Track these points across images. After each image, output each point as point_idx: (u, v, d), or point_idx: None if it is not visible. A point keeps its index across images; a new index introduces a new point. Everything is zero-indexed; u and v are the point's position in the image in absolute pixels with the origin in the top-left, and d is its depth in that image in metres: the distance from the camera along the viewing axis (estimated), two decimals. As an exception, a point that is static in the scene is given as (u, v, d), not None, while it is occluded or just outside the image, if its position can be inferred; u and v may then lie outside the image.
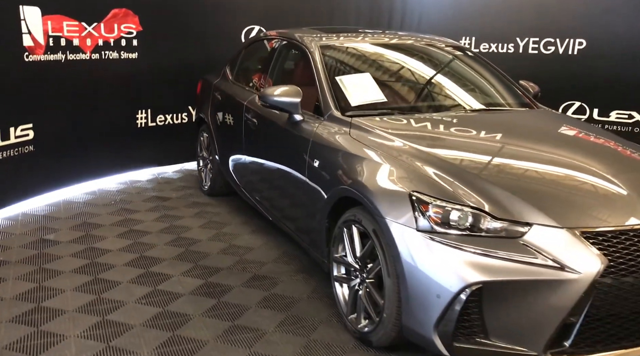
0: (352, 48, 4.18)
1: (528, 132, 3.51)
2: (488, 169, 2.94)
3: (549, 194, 2.75)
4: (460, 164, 2.93)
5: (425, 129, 3.40)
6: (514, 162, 3.07)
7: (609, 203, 2.73)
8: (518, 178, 2.91)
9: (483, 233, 2.57)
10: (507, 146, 3.28)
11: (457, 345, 2.55)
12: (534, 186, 2.83)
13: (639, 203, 2.74)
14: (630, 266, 2.51)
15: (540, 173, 2.97)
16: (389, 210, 2.74)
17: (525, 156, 3.17)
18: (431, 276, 2.55)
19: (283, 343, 3.05)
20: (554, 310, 2.46)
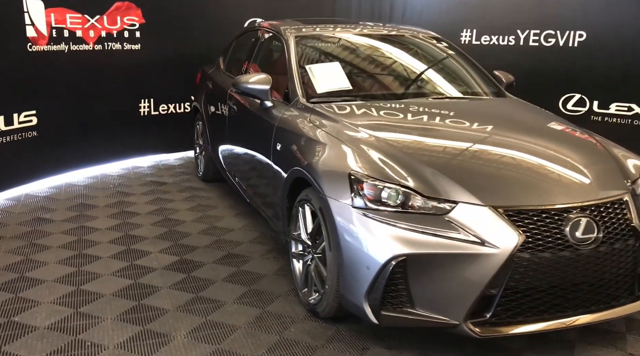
0: (326, 38, 4.36)
1: (481, 118, 3.64)
2: (426, 152, 3.10)
3: (479, 175, 2.90)
4: (402, 147, 3.09)
5: (380, 114, 3.57)
6: (454, 146, 3.23)
7: (534, 184, 2.87)
8: (453, 160, 3.06)
9: (413, 210, 2.73)
10: (453, 131, 3.42)
11: (384, 313, 2.72)
12: (466, 167, 2.98)
13: (562, 185, 2.88)
14: (547, 243, 2.65)
15: (476, 156, 3.12)
16: (331, 189, 2.92)
17: (467, 139, 3.31)
18: (363, 249, 2.73)
19: (238, 313, 3.26)
20: (473, 282, 2.62)
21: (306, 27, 4.41)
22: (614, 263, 2.80)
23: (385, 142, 3.10)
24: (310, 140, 3.31)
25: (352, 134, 3.21)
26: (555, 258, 2.66)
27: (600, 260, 2.75)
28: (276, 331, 3.07)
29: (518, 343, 3.01)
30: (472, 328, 2.67)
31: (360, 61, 4.27)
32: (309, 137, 3.34)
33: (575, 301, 2.78)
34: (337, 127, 3.32)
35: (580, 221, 2.70)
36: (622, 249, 2.80)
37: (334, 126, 3.35)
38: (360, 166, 2.91)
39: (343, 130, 3.28)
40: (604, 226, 2.76)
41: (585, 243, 2.69)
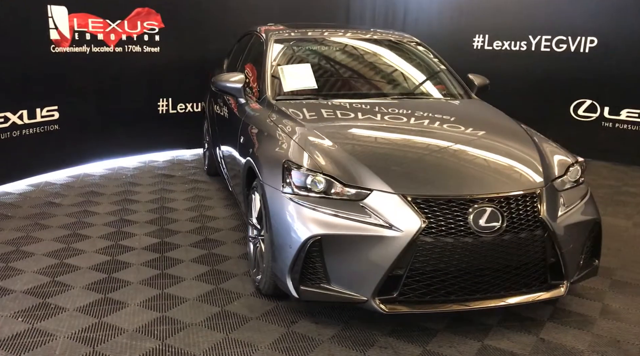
0: (305, 41, 4.68)
1: (426, 116, 3.88)
2: (358, 145, 3.39)
3: (397, 166, 3.18)
4: (337, 140, 3.38)
5: (333, 112, 3.86)
6: (386, 140, 3.51)
7: (447, 176, 3.11)
8: (379, 152, 3.34)
9: (334, 196, 3.03)
10: (392, 126, 3.70)
11: (303, 288, 3.02)
12: (389, 159, 3.25)
13: (474, 177, 3.11)
14: (450, 229, 2.89)
15: (401, 149, 3.39)
16: (268, 176, 3.26)
17: (401, 134, 3.59)
18: (288, 230, 3.04)
19: (192, 288, 3.62)
20: (380, 261, 2.89)
21: (290, 30, 4.75)
22: (520, 252, 3.00)
23: (323, 136, 3.40)
24: (262, 133, 3.65)
25: (296, 129, 3.53)
26: (458, 243, 2.89)
27: (504, 248, 2.96)
28: (220, 304, 3.41)
29: (438, 323, 3.24)
30: (379, 304, 2.94)
31: (333, 62, 4.58)
32: (261, 131, 3.68)
33: (482, 285, 3.00)
34: (286, 122, 3.65)
35: (484, 211, 2.92)
36: (529, 239, 3.00)
37: (285, 121, 3.67)
38: (294, 157, 3.22)
39: (290, 125, 3.60)
40: (509, 217, 2.96)
41: (488, 231, 2.91)
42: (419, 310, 2.98)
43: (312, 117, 3.72)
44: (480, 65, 7.86)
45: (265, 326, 3.18)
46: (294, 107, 3.85)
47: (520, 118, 4.10)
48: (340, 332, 3.14)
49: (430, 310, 2.99)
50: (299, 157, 3.21)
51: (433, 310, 2.99)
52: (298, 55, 4.57)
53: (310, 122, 3.59)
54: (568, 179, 3.34)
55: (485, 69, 7.84)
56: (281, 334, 3.11)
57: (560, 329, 3.24)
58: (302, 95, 4.11)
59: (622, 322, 3.33)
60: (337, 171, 3.07)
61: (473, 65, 7.71)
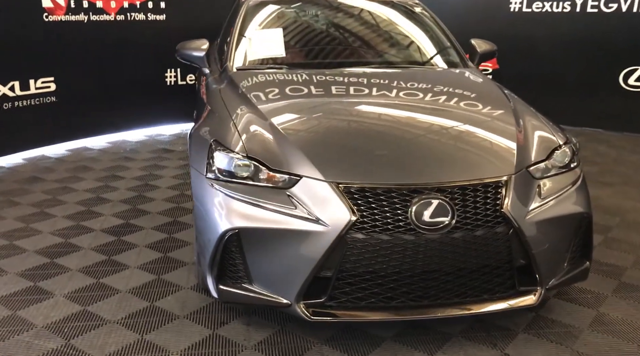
0: (284, 6, 4.22)
1: (397, 91, 3.36)
2: (299, 124, 2.94)
3: (335, 149, 2.72)
4: (277, 118, 2.93)
5: (292, 84, 3.40)
6: (332, 119, 3.03)
7: (391, 161, 2.62)
8: (318, 133, 2.88)
9: (260, 183, 2.61)
10: (346, 103, 3.21)
11: (222, 287, 2.63)
12: (326, 141, 2.79)
13: (423, 163, 2.61)
14: (387, 224, 2.41)
15: (346, 130, 2.91)
16: (195, 159, 2.87)
17: (356, 111, 3.10)
18: (209, 221, 2.65)
19: (131, 277, 3.30)
20: (304, 261, 2.46)
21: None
22: (476, 253, 2.50)
23: (266, 114, 2.95)
24: (207, 109, 3.26)
25: (240, 105, 3.10)
26: (396, 242, 2.42)
27: (455, 248, 2.47)
28: (152, 298, 3.08)
29: (388, 330, 2.80)
30: (303, 309, 2.52)
31: (312, 28, 4.10)
32: (208, 106, 3.30)
33: (431, 290, 2.53)
34: (234, 97, 3.23)
35: (429, 203, 2.43)
36: (488, 237, 2.49)
37: (233, 96, 3.26)
38: (224, 137, 2.81)
39: (237, 100, 3.18)
40: (462, 211, 2.46)
41: (433, 227, 2.42)
42: (350, 318, 2.55)
43: (265, 91, 3.28)
44: (517, 29, 7.14)
45: (189, 328, 2.82)
46: (249, 80, 3.43)
47: (561, 89, 3.48)
48: (270, 337, 2.75)
49: (364, 318, 2.55)
50: (229, 138, 2.79)
51: (366, 318, 2.54)
52: (273, 21, 4.11)
53: (259, 98, 3.16)
54: (553, 163, 2.78)
55: (524, 34, 7.12)
56: (203, 337, 2.74)
57: (533, 343, 2.72)
58: (267, 64, 3.67)
59: (614, 336, 2.78)
60: (266, 155, 2.64)
61: (509, 29, 6.99)
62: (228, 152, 2.68)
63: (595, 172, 5.38)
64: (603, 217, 4.18)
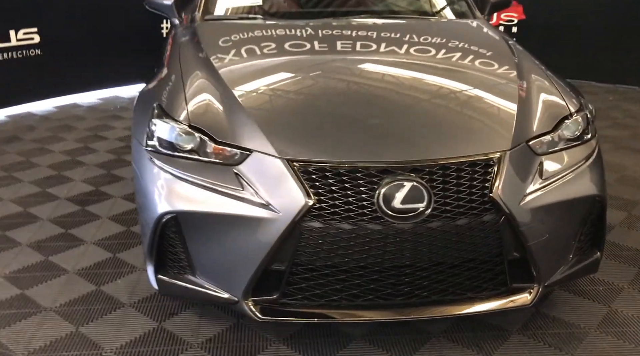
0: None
1: (384, 46, 2.87)
2: (258, 89, 2.50)
3: (292, 120, 2.29)
4: (234, 81, 2.48)
5: (264, 38, 2.95)
6: (300, 82, 2.60)
7: (359, 134, 2.19)
8: (279, 100, 2.44)
9: (204, 158, 2.20)
10: (321, 62, 2.76)
11: (161, 277, 2.27)
12: (285, 110, 2.37)
13: (397, 137, 2.17)
14: (349, 210, 2.00)
15: (313, 96, 2.47)
16: (137, 127, 2.48)
17: (324, 75, 2.65)
18: (146, 200, 2.27)
19: (84, 255, 2.97)
20: (252, 252, 2.07)
21: None
22: (459, 245, 2.08)
23: (223, 76, 2.51)
24: (162, 66, 2.84)
25: (196, 64, 2.67)
26: (360, 232, 2.01)
27: (431, 239, 2.05)
28: (101, 281, 2.75)
29: (357, 328, 2.41)
30: (251, 307, 2.14)
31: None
32: (164, 63, 2.87)
33: (404, 287, 2.12)
34: (193, 54, 2.80)
35: (400, 186, 2.00)
36: (473, 227, 2.06)
37: (192, 52, 2.83)
38: (169, 102, 2.40)
39: (195, 58, 2.75)
40: (441, 195, 2.02)
41: (405, 215, 2.00)
42: (306, 318, 2.16)
43: (230, 48, 2.84)
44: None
45: (133, 319, 2.48)
46: (215, 34, 2.98)
47: (593, 42, 2.91)
48: (222, 334, 2.39)
49: (323, 320, 2.16)
50: (175, 103, 2.38)
51: (326, 319, 2.15)
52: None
53: (221, 58, 2.71)
54: (561, 135, 2.31)
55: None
56: (145, 331, 2.40)
57: (527, 347, 2.31)
58: (241, 13, 3.21)
59: (624, 340, 2.35)
60: (214, 125, 2.23)
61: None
62: (169, 121, 2.27)
63: (626, 136, 4.84)
64: (628, 190, 3.66)
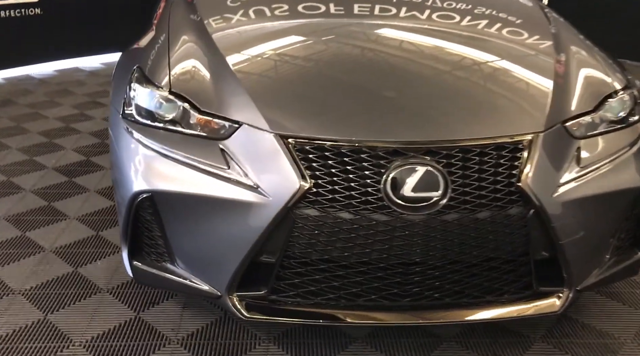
0: None
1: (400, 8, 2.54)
2: (255, 56, 2.19)
3: (290, 90, 1.98)
4: (228, 47, 2.18)
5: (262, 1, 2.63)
6: (306, 48, 2.28)
7: (362, 110, 1.88)
8: (275, 70, 2.12)
9: (184, 129, 1.91)
10: (327, 27, 2.44)
11: (137, 264, 2.00)
12: (280, 80, 2.06)
13: (412, 113, 1.85)
14: (351, 197, 1.70)
15: (317, 65, 2.15)
16: (115, 93, 2.19)
17: (335, 40, 2.33)
18: (122, 176, 1.99)
19: (65, 231, 2.72)
20: (238, 240, 1.79)
21: None
22: (479, 242, 1.77)
23: (210, 39, 2.20)
24: (150, 27, 2.54)
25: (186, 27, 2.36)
26: (363, 223, 1.71)
27: (448, 235, 1.74)
28: (79, 262, 2.49)
29: (361, 329, 2.13)
30: (236, 303, 1.86)
31: None
32: (151, 23, 2.56)
33: (412, 287, 1.83)
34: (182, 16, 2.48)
35: (412, 170, 1.69)
36: (497, 222, 1.75)
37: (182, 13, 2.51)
38: (151, 67, 2.11)
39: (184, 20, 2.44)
40: (460, 183, 1.71)
41: (416, 205, 1.69)
42: (297, 318, 1.87)
43: (228, 7, 2.51)
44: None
45: (109, 307, 2.22)
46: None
47: None
48: (206, 328, 2.12)
49: (317, 321, 1.87)
50: (157, 67, 2.09)
51: (321, 320, 1.86)
52: None
53: (216, 17, 2.40)
54: (603, 116, 1.98)
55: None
56: (121, 322, 2.14)
57: (552, 360, 2.01)
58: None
59: (667, 356, 2.03)
60: (198, 92, 1.93)
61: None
62: (150, 86, 1.97)
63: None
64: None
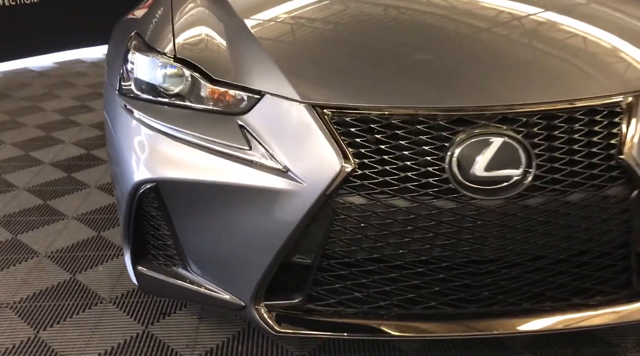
0: None
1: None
2: (272, 18, 1.83)
3: (319, 54, 1.61)
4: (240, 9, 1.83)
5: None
6: (335, 7, 1.91)
7: (410, 74, 1.51)
8: (301, 30, 1.77)
9: (194, 104, 1.55)
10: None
11: (140, 269, 1.65)
12: (314, 39, 1.71)
13: (464, 78, 1.48)
14: (407, 179, 1.34)
15: (355, 23, 1.79)
16: (110, 67, 1.84)
17: None
18: (120, 165, 1.64)
19: (62, 233, 2.39)
20: (264, 238, 1.44)
21: None
22: (568, 231, 1.40)
23: (233, 10, 1.84)
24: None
25: None
26: (424, 212, 1.35)
27: (531, 224, 1.37)
28: (77, 267, 2.15)
29: (412, 341, 1.77)
30: (264, 315, 1.51)
31: None
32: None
33: (482, 289, 1.46)
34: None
35: (486, 143, 1.32)
36: (592, 205, 1.38)
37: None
38: (153, 33, 1.76)
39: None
40: (547, 157, 1.35)
41: (494, 188, 1.33)
42: (340, 331, 1.52)
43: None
44: None
45: (112, 320, 1.88)
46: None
47: None
48: (229, 343, 1.78)
49: (362, 335, 1.51)
50: (160, 33, 1.74)
51: (367, 334, 1.51)
52: None
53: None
54: None
55: None
56: (126, 339, 1.79)
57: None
58: None
59: None
60: (209, 58, 1.58)
61: None
62: (151, 53, 1.61)
63: None
64: None
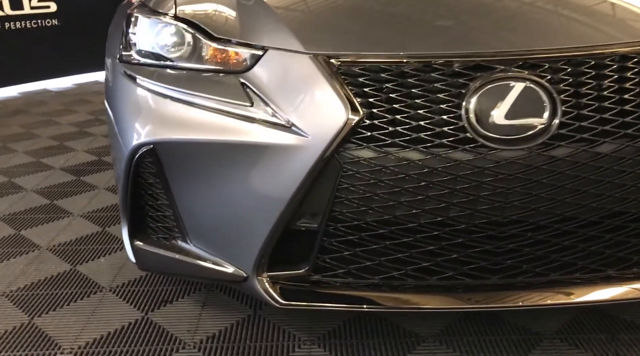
0: None
1: None
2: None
3: (325, 7, 1.53)
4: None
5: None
6: None
7: (421, 19, 1.42)
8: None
9: (196, 65, 1.47)
10: None
11: (138, 244, 1.55)
12: None
13: (480, 21, 1.40)
14: (420, 129, 1.23)
15: None
16: (112, 36, 1.79)
17: None
18: (118, 132, 1.56)
19: (67, 229, 2.32)
20: (266, 200, 1.33)
21: None
22: (599, 189, 1.28)
23: None
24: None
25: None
26: (439, 165, 1.24)
27: (557, 179, 1.25)
28: (78, 259, 2.06)
29: (431, 323, 1.63)
30: (267, 287, 1.39)
31: None
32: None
33: (505, 257, 1.33)
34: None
35: (507, 88, 1.22)
36: (624, 158, 1.26)
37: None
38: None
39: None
40: (574, 104, 1.23)
41: (515, 137, 1.22)
42: (349, 303, 1.39)
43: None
44: None
45: (110, 308, 1.77)
46: None
47: None
48: (232, 329, 1.65)
49: (374, 307, 1.38)
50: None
51: (378, 307, 1.38)
52: None
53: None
54: None
55: None
56: (124, 324, 1.68)
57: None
58: None
59: None
60: (209, 16, 1.50)
61: None
62: (153, 15, 1.55)
63: None
64: None
